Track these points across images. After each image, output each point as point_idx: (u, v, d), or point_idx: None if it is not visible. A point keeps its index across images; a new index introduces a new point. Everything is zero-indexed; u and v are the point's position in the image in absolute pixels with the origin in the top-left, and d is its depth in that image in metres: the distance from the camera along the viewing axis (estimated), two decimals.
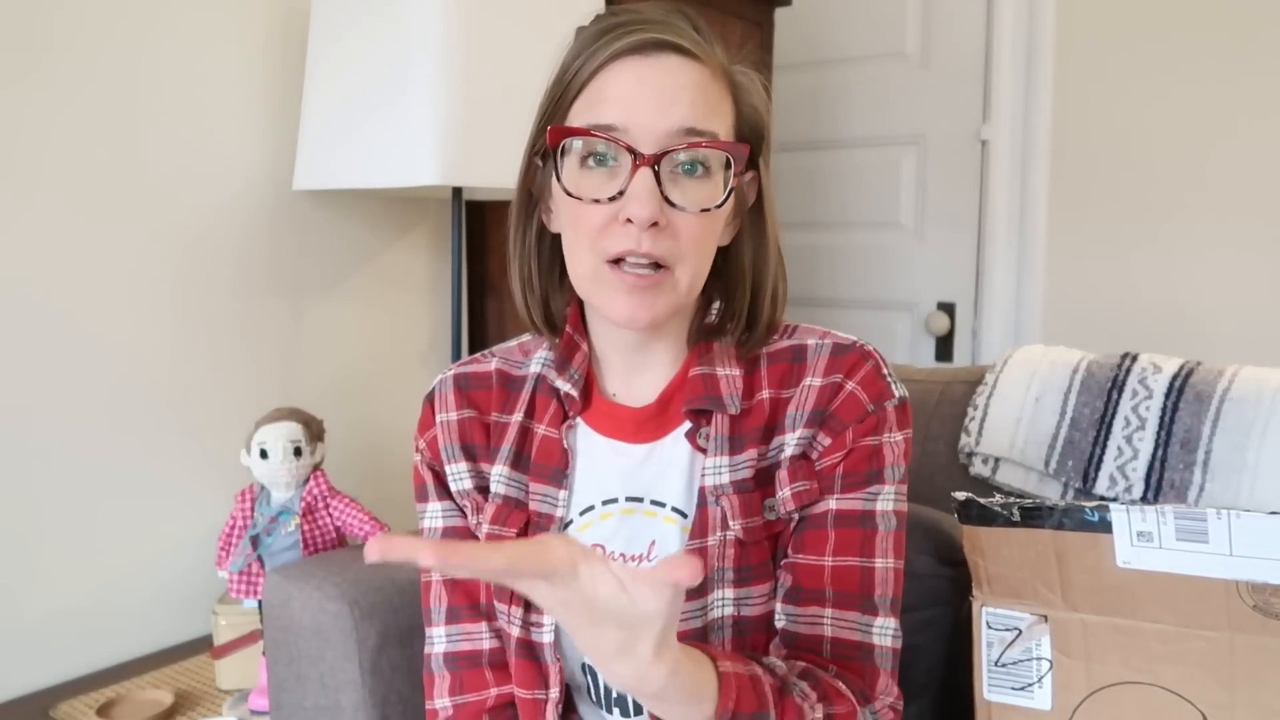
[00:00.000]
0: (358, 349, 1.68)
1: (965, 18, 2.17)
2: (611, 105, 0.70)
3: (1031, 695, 0.79)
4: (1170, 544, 0.71)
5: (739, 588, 0.76)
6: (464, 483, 0.84)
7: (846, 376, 0.77)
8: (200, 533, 1.47)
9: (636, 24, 0.72)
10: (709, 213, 0.72)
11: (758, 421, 0.78)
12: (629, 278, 0.71)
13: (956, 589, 1.00)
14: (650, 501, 0.79)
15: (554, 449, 0.81)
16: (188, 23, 1.41)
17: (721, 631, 0.75)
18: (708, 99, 0.72)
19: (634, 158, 0.69)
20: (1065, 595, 0.77)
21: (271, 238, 1.54)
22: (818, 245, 2.45)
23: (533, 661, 0.81)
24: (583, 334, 0.83)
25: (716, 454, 0.77)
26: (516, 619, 0.80)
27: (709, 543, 0.76)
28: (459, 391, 0.86)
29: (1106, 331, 2.00)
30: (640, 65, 0.71)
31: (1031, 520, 0.76)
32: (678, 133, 0.70)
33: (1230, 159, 1.89)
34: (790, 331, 0.82)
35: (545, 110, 0.76)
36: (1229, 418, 1.06)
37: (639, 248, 0.70)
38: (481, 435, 0.85)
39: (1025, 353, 1.25)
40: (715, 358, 0.79)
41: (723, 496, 0.76)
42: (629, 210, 0.69)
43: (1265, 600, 0.70)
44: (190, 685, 1.32)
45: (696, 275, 0.74)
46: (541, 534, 0.80)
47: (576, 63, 0.72)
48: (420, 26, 1.32)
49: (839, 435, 0.76)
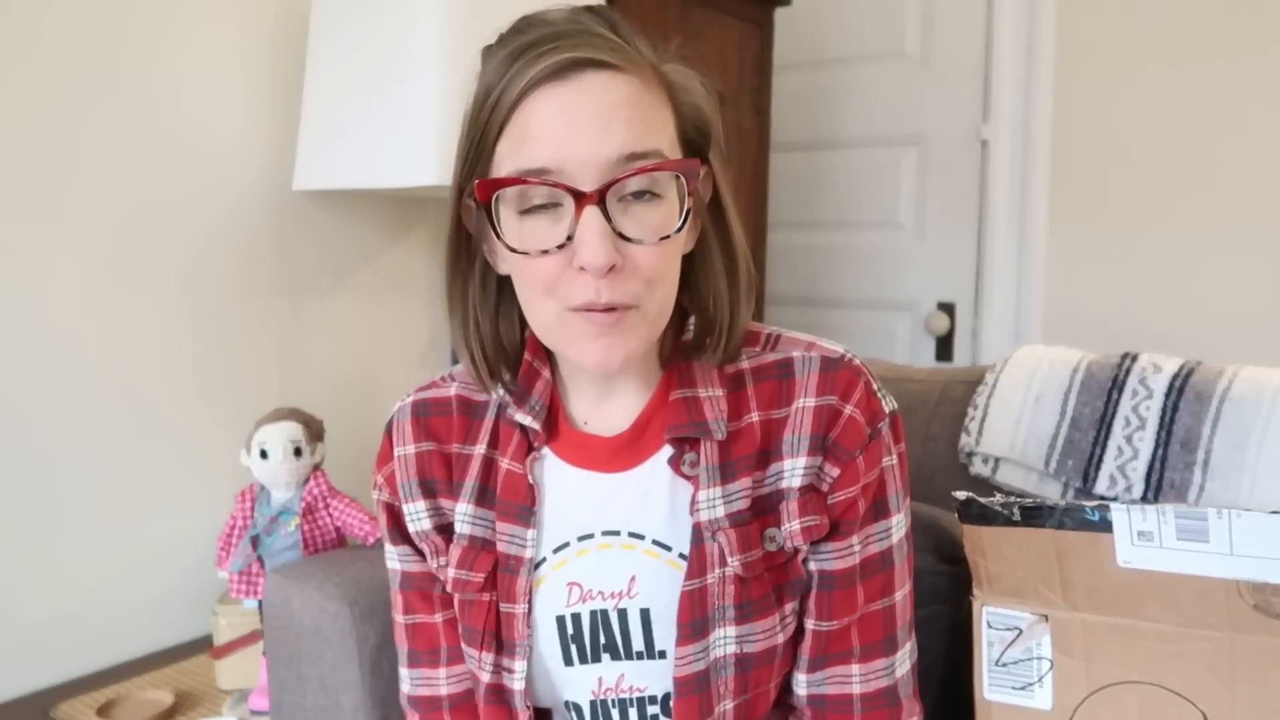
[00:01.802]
0: (358, 349, 1.68)
1: (965, 18, 2.17)
2: (539, 144, 0.63)
3: (1032, 695, 0.79)
4: (1171, 543, 0.71)
5: (741, 624, 0.72)
6: (422, 523, 0.79)
7: (843, 399, 0.73)
8: (200, 533, 1.47)
9: (547, 42, 0.64)
10: (668, 239, 0.66)
11: (749, 447, 0.73)
12: (595, 319, 0.65)
13: (956, 586, 1.00)
14: (628, 534, 0.75)
15: (519, 485, 0.76)
16: (187, 23, 1.41)
17: (725, 671, 0.72)
18: (643, 114, 0.65)
19: (576, 198, 0.62)
20: (1066, 595, 0.77)
21: (271, 238, 1.53)
22: (818, 245, 2.45)
23: (503, 707, 0.77)
24: (543, 359, 0.77)
25: (709, 485, 0.72)
26: (488, 664, 0.76)
27: (708, 581, 0.72)
28: (416, 421, 0.80)
29: (1106, 331, 2.00)
30: (562, 91, 0.63)
31: (1032, 520, 0.76)
32: (618, 161, 0.63)
33: (1230, 159, 1.89)
34: (773, 343, 0.77)
35: (467, 153, 0.68)
36: (1229, 418, 1.06)
37: (599, 299, 0.64)
38: (442, 469, 0.79)
39: (1025, 353, 1.25)
40: (695, 379, 0.74)
41: (719, 532, 0.72)
42: (581, 259, 0.63)
43: (1266, 600, 0.70)
44: (190, 685, 1.32)
45: (665, 302, 0.69)
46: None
47: (491, 98, 0.65)
48: (420, 26, 1.32)
49: (847, 466, 0.73)
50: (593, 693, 0.76)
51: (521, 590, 0.76)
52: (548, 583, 0.76)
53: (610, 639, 0.75)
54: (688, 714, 0.73)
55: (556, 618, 0.76)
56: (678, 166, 0.65)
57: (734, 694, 0.73)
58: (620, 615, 0.75)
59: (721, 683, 0.72)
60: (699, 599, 0.72)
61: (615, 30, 0.67)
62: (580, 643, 0.76)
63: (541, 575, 0.77)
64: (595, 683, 0.76)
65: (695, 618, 0.72)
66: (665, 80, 0.68)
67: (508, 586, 0.76)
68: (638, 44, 0.68)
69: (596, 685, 0.76)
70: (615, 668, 0.76)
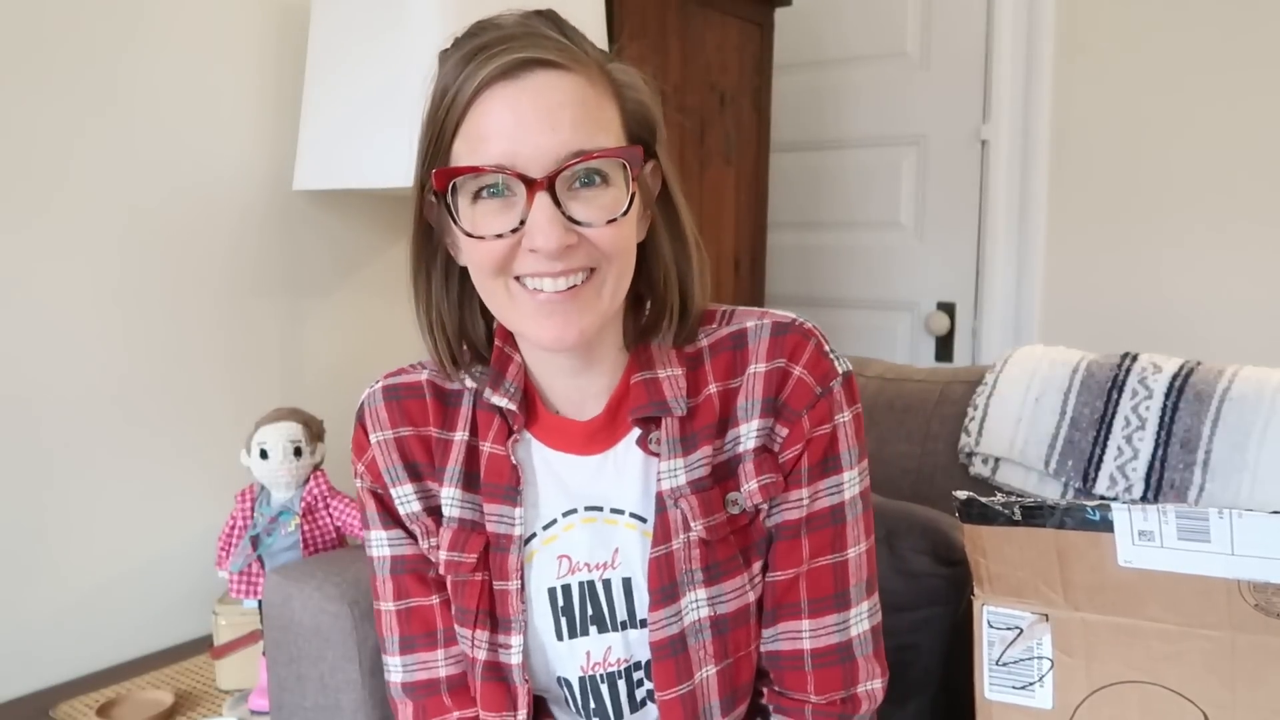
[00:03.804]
0: (358, 349, 1.68)
1: (965, 18, 2.17)
2: (492, 141, 0.67)
3: (1032, 694, 0.79)
4: (1172, 543, 0.71)
5: (710, 586, 0.75)
6: (412, 505, 0.82)
7: (791, 360, 0.75)
8: (200, 533, 1.47)
9: (498, 44, 0.68)
10: (616, 221, 0.69)
11: (708, 418, 0.76)
12: (546, 295, 0.69)
13: (954, 588, 1.00)
14: (610, 510, 0.78)
15: (503, 466, 0.79)
16: (187, 23, 1.41)
17: (701, 634, 0.75)
18: (589, 112, 0.68)
19: (527, 185, 0.66)
20: (1066, 594, 0.77)
21: (272, 238, 1.53)
22: (818, 245, 2.45)
23: (500, 683, 0.79)
24: (514, 345, 0.80)
25: (670, 457, 0.75)
26: (483, 642, 0.79)
27: (674, 547, 0.75)
28: (390, 405, 0.83)
29: (1106, 331, 2.00)
30: (511, 91, 0.67)
31: (1033, 519, 0.76)
32: (566, 156, 0.67)
33: (1230, 159, 1.89)
34: (728, 317, 0.80)
35: (426, 151, 0.72)
36: (1229, 417, 1.06)
37: (551, 270, 0.68)
38: (424, 453, 0.82)
39: (1025, 353, 1.25)
40: (655, 360, 0.77)
41: (681, 499, 0.75)
42: (534, 242, 0.67)
43: (1267, 599, 0.70)
44: (190, 685, 1.32)
45: (620, 278, 0.72)
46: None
47: (447, 99, 0.69)
48: (420, 26, 1.32)
49: (795, 424, 0.75)
50: (582, 668, 0.79)
51: (513, 567, 0.78)
52: (539, 556, 0.79)
53: (597, 610, 0.78)
54: (666, 678, 0.75)
55: (548, 590, 0.79)
56: (620, 154, 0.69)
57: (715, 659, 0.75)
58: (605, 585, 0.78)
59: (700, 647, 0.75)
60: (666, 564, 0.75)
61: (562, 32, 0.71)
62: (570, 615, 0.79)
63: (533, 550, 0.80)
64: (584, 657, 0.79)
65: (664, 582, 0.75)
66: (610, 78, 0.72)
67: (500, 564, 0.79)
68: (584, 45, 0.71)
69: (585, 660, 0.79)
70: (602, 640, 0.78)
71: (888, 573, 1.02)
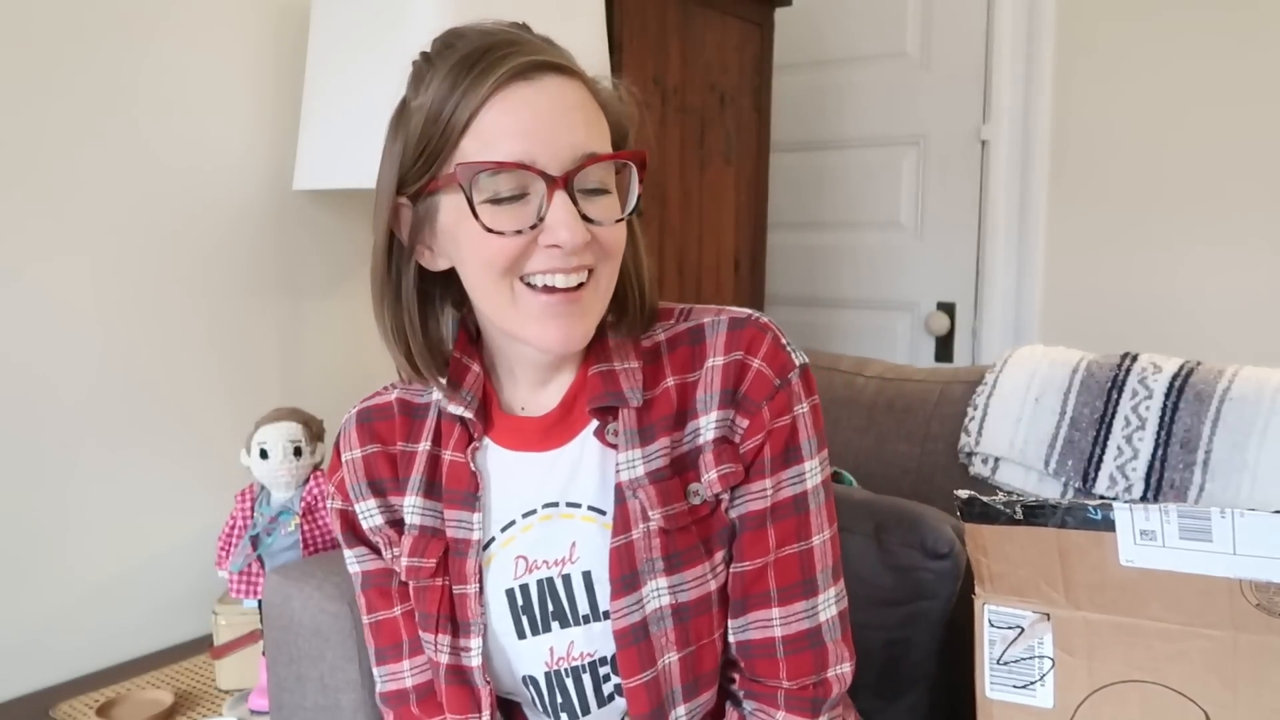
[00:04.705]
0: (358, 349, 1.68)
1: (965, 18, 2.17)
2: (511, 138, 0.68)
3: (1033, 693, 0.79)
4: (1173, 542, 0.72)
5: (671, 574, 0.76)
6: (374, 519, 0.84)
7: (748, 353, 0.77)
8: (200, 533, 1.47)
9: (504, 48, 0.70)
10: (620, 221, 0.73)
11: (666, 409, 0.78)
12: (555, 299, 0.71)
13: (943, 581, 1.00)
14: (566, 504, 0.79)
15: (463, 473, 0.81)
16: (187, 22, 1.41)
17: (662, 622, 0.76)
18: (593, 116, 0.72)
19: (548, 182, 0.68)
20: (1068, 593, 0.77)
21: (272, 238, 1.53)
22: (818, 245, 2.45)
23: (464, 686, 0.81)
24: (472, 355, 0.82)
25: (628, 448, 0.77)
26: (445, 646, 0.81)
27: (633, 536, 0.76)
28: (361, 427, 0.86)
29: (1106, 331, 2.00)
30: (527, 91, 0.69)
31: (1034, 518, 0.76)
32: (580, 156, 0.70)
33: (1230, 159, 1.89)
34: (685, 314, 0.82)
35: (420, 150, 0.72)
36: (1229, 418, 1.06)
37: (566, 265, 0.70)
38: (388, 468, 0.84)
39: (1025, 353, 1.25)
40: (612, 353, 0.79)
41: (639, 489, 0.76)
42: (556, 237, 0.69)
43: (1269, 599, 0.70)
44: (190, 685, 1.32)
45: (612, 277, 0.75)
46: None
47: (454, 96, 0.70)
48: (420, 27, 1.32)
49: (754, 416, 0.76)
50: (546, 664, 0.80)
51: (471, 571, 0.80)
52: (496, 560, 0.81)
53: (558, 606, 0.79)
54: (630, 666, 0.76)
55: (505, 591, 0.80)
56: (631, 157, 0.73)
57: (676, 646, 0.76)
58: (565, 581, 0.79)
59: (662, 635, 0.76)
60: (626, 554, 0.76)
61: (551, 43, 0.74)
62: (530, 613, 0.80)
63: (491, 554, 0.81)
64: (548, 653, 0.80)
65: (625, 572, 0.76)
66: (595, 90, 0.75)
67: (458, 569, 0.81)
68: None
69: (549, 656, 0.80)
70: (565, 635, 0.79)
71: (877, 567, 1.03)
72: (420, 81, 0.73)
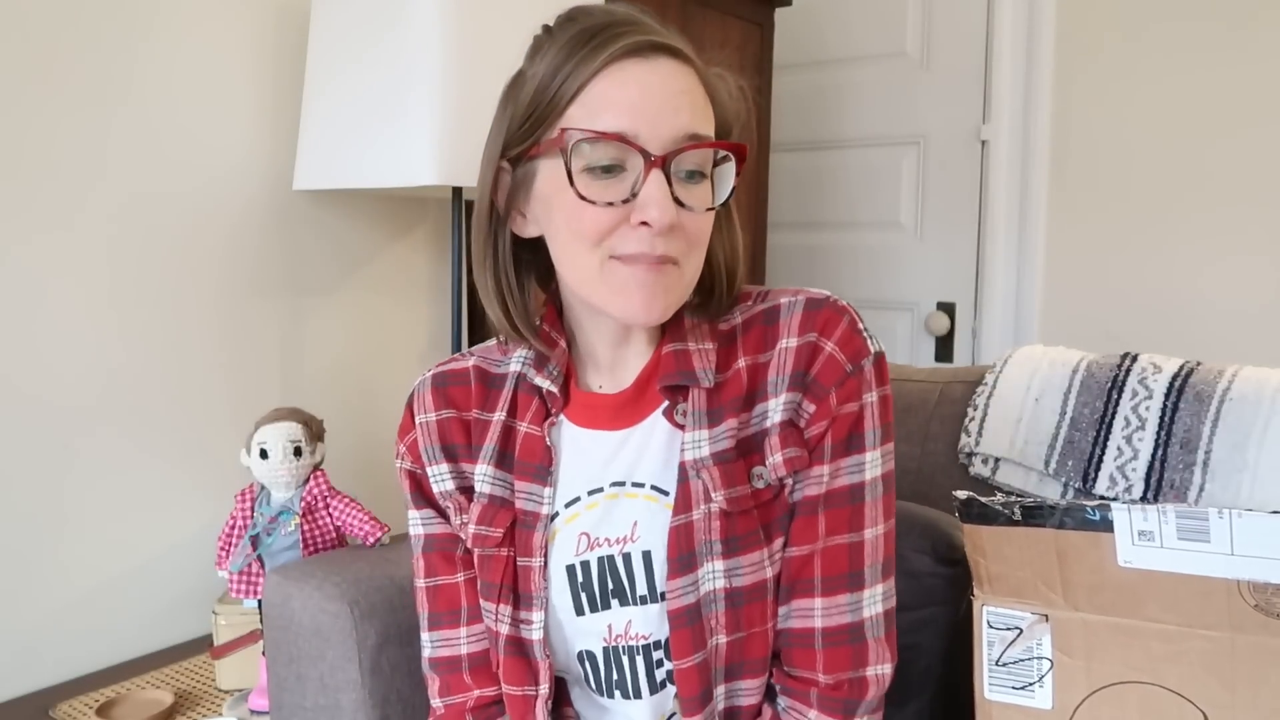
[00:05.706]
0: (358, 349, 1.68)
1: (965, 18, 2.17)
2: (618, 111, 0.69)
3: (1032, 694, 0.79)
4: (1172, 543, 0.71)
5: (728, 559, 0.75)
6: (446, 484, 0.84)
7: (822, 335, 0.76)
8: (200, 533, 1.47)
9: (623, 25, 0.71)
10: (711, 210, 0.73)
11: (736, 391, 0.77)
12: (643, 268, 0.71)
13: (954, 588, 1.00)
14: (631, 484, 0.79)
15: (537, 446, 0.81)
16: (187, 23, 1.41)
17: (715, 605, 0.75)
18: (701, 102, 0.73)
19: (646, 160, 0.69)
20: (1066, 594, 0.77)
21: (272, 238, 1.53)
22: (818, 245, 2.45)
23: (522, 659, 0.81)
24: (560, 331, 0.83)
25: (695, 428, 0.77)
26: (505, 617, 0.80)
27: (694, 517, 0.75)
28: (436, 391, 0.86)
29: (1106, 331, 2.00)
30: (640, 68, 0.70)
31: (1033, 519, 0.76)
32: (682, 139, 0.70)
33: (1230, 159, 1.89)
34: (763, 296, 0.82)
35: (527, 115, 0.74)
36: (1229, 418, 1.06)
37: (653, 251, 0.70)
38: (462, 434, 0.85)
39: (1025, 353, 1.25)
40: (687, 334, 0.79)
41: (703, 469, 0.75)
42: (646, 214, 0.69)
43: (1267, 600, 0.70)
44: (190, 685, 1.32)
45: (698, 267, 0.75)
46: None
47: (568, 66, 0.71)
48: (420, 27, 1.32)
49: (822, 401, 0.76)
50: (604, 640, 0.80)
51: (538, 544, 0.80)
52: (561, 535, 0.81)
53: (617, 584, 0.79)
54: (682, 648, 0.75)
55: (567, 567, 0.80)
56: (732, 148, 0.74)
57: (726, 630, 0.75)
58: (625, 559, 0.79)
59: (713, 617, 0.75)
60: (685, 534, 0.76)
61: (671, 30, 0.74)
62: (590, 590, 0.80)
63: (555, 529, 0.81)
64: (606, 630, 0.80)
65: (683, 552, 0.76)
66: (706, 79, 0.75)
67: (525, 541, 0.81)
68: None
69: (607, 633, 0.80)
70: (623, 614, 0.79)
71: None
72: (538, 52, 0.74)
